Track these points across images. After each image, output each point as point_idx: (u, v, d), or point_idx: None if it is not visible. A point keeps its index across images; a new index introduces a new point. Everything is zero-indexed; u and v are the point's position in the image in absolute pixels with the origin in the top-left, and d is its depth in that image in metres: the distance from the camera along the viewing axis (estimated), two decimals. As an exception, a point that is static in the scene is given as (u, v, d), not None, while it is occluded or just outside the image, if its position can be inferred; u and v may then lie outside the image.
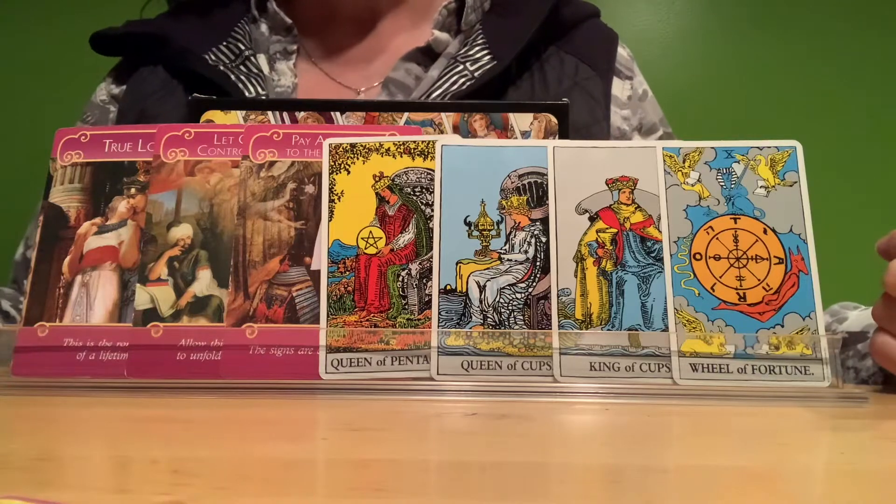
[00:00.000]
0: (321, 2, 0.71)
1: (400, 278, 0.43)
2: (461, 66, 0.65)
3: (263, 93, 0.64)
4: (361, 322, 0.42)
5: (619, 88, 0.71)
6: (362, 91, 0.69)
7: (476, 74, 0.64)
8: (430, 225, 0.44)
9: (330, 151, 0.45)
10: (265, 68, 0.68)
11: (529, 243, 0.43)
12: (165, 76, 0.69)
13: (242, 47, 0.68)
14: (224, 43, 0.68)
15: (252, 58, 0.67)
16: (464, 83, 0.63)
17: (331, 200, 0.44)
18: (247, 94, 0.63)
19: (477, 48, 0.66)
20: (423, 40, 0.68)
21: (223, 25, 0.70)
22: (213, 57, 0.67)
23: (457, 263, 0.43)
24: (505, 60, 0.64)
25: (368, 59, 0.71)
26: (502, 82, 0.65)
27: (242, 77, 0.65)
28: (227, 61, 0.67)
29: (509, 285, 0.43)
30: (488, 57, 0.65)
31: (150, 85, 0.69)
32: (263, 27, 0.71)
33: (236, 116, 0.51)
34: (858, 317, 0.54)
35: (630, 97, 0.72)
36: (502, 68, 0.64)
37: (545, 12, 0.68)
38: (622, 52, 0.73)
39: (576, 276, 0.42)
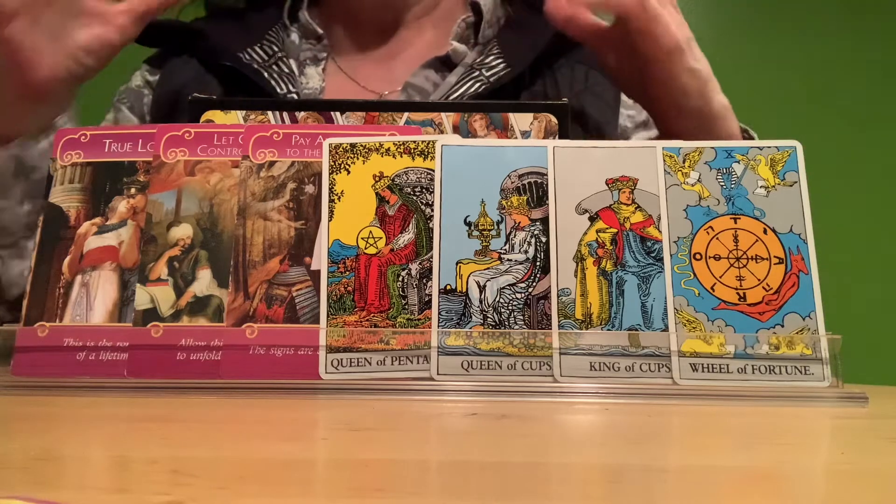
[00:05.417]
0: (347, 10, 0.75)
1: (400, 278, 0.43)
2: (477, 72, 0.68)
3: (294, 91, 0.67)
4: (361, 322, 0.42)
5: None
6: (384, 94, 0.72)
7: (491, 80, 0.67)
8: (430, 225, 0.44)
9: (330, 151, 0.45)
10: (295, 71, 0.71)
11: (529, 243, 0.43)
12: (199, 69, 0.71)
13: (276, 49, 0.71)
14: (258, 45, 0.71)
15: (284, 59, 0.70)
16: (479, 87, 0.66)
17: (331, 200, 0.44)
18: (279, 92, 0.66)
19: (492, 57, 0.69)
20: (443, 49, 0.72)
21: (258, 29, 0.74)
22: (247, 56, 0.69)
23: (457, 263, 0.43)
24: (519, 67, 0.67)
25: (391, 64, 0.74)
26: (515, 87, 0.68)
27: (275, 76, 0.68)
28: (261, 61, 0.69)
29: (509, 285, 0.43)
30: (503, 64, 0.68)
31: (184, 75, 0.71)
32: (294, 36, 0.75)
33: (236, 116, 0.51)
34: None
35: None
36: (516, 74, 0.67)
37: None
38: None
39: (576, 276, 0.42)
